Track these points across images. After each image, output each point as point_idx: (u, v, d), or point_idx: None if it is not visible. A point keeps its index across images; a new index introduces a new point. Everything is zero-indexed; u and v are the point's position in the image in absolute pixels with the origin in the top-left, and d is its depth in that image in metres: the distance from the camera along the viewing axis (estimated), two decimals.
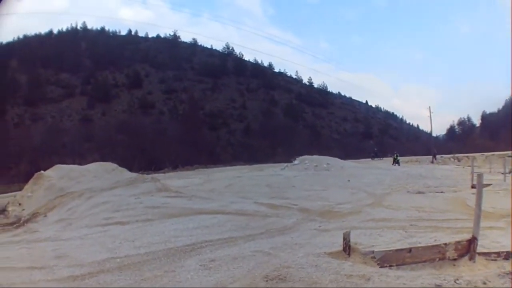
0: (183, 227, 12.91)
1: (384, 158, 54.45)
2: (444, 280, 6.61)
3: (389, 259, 7.58)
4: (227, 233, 11.74)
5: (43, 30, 76.55)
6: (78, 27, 79.69)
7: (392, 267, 7.43)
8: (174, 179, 31.08)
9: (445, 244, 7.71)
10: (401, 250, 7.80)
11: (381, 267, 7.44)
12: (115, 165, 25.96)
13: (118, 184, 21.87)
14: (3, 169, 43.83)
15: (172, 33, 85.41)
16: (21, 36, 72.12)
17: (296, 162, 37.79)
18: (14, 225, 16.38)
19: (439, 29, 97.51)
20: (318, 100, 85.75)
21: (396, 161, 46.04)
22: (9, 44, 68.94)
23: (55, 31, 77.83)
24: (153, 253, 10.07)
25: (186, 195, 20.44)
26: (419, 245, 8.21)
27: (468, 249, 7.59)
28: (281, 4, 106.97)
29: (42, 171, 22.62)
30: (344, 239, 8.23)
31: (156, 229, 12.99)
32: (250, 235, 11.45)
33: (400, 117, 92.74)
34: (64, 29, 78.87)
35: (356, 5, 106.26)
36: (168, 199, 18.90)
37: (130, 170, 26.76)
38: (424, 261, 7.54)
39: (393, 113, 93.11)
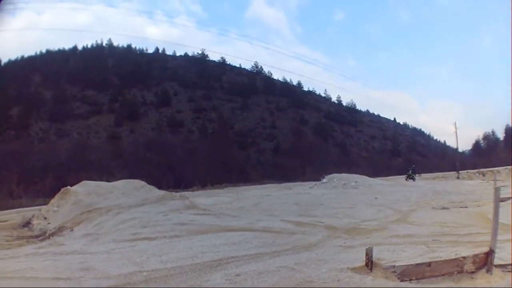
0: (210, 244, 12.99)
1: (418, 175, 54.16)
2: None
3: (409, 273, 7.75)
4: (254, 250, 11.85)
5: (67, 45, 77.69)
6: (104, 44, 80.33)
7: (412, 281, 7.61)
8: (203, 197, 31.14)
9: (463, 257, 7.89)
10: (421, 264, 7.97)
11: (401, 281, 7.63)
12: (143, 183, 25.88)
13: (146, 201, 22.01)
14: (27, 183, 44.19)
15: (200, 52, 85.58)
16: (43, 51, 73.40)
17: (324, 180, 37.72)
18: (39, 238, 16.42)
19: (462, 42, 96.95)
20: (346, 118, 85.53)
21: (410, 177, 46.17)
22: (31, 58, 70.59)
23: (79, 47, 78.74)
24: (180, 268, 10.16)
25: (214, 213, 20.65)
26: (439, 259, 8.28)
27: (485, 261, 7.75)
28: (308, 22, 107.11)
29: (68, 187, 22.64)
30: (367, 254, 8.47)
31: (184, 245, 13.06)
32: (276, 251, 11.53)
33: (428, 133, 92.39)
34: (89, 46, 79.67)
35: (379, 20, 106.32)
36: (196, 217, 19.08)
37: (159, 188, 26.61)
38: (443, 275, 7.71)
39: (420, 129, 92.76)
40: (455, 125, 61.72)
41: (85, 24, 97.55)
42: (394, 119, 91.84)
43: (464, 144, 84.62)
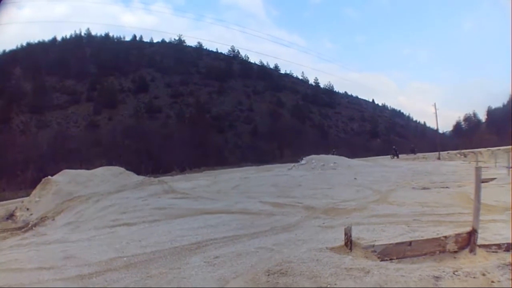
0: (189, 227, 13.09)
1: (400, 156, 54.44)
2: (443, 272, 6.69)
3: (389, 253, 7.75)
4: (232, 232, 11.90)
5: (47, 37, 77.85)
6: (82, 34, 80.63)
7: (392, 261, 7.56)
8: (182, 182, 31.14)
9: (445, 237, 7.87)
10: (402, 243, 7.96)
11: (381, 260, 7.59)
12: (122, 169, 26.27)
13: (125, 187, 22.26)
14: (10, 176, 44.54)
15: (177, 38, 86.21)
16: (24, 44, 73.31)
17: (303, 162, 37.93)
18: (23, 230, 16.43)
19: (442, 25, 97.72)
20: (324, 100, 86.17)
21: (395, 155, 46.77)
22: (12, 52, 69.89)
23: (58, 38, 78.83)
24: (159, 252, 10.25)
25: (192, 196, 20.77)
26: (420, 238, 8.33)
27: (468, 241, 7.70)
28: (284, 6, 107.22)
29: (49, 176, 22.77)
30: (346, 234, 8.38)
31: (163, 229, 13.15)
32: (255, 233, 11.60)
33: (407, 114, 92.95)
34: (68, 36, 79.84)
35: (358, 4, 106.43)
36: (175, 201, 19.21)
37: (138, 174, 27.00)
38: (425, 254, 7.69)
39: (399, 110, 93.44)
40: (434, 106, 61.97)
41: (64, 15, 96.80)
42: (373, 100, 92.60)
43: (445, 126, 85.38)
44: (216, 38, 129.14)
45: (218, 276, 8.02)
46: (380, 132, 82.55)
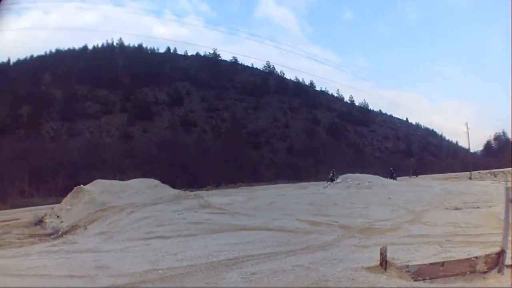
0: (226, 242, 13.08)
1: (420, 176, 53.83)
2: None
3: (423, 273, 7.81)
4: (269, 249, 11.94)
5: (76, 45, 78.13)
6: (115, 44, 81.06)
7: (425, 281, 7.67)
8: (217, 197, 31.23)
9: (476, 257, 7.94)
10: (435, 264, 8.01)
11: (415, 280, 7.69)
12: (157, 181, 26.06)
13: (161, 200, 22.18)
14: (39, 182, 44.33)
15: (211, 51, 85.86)
16: (53, 50, 74.03)
17: (338, 180, 38.10)
18: (52, 236, 16.42)
19: (473, 42, 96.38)
20: (359, 118, 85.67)
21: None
22: (40, 58, 71.23)
23: (90, 47, 79.31)
24: (195, 266, 10.23)
25: (229, 212, 20.89)
26: (452, 259, 8.33)
27: (497, 261, 7.81)
28: (317, 21, 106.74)
29: (82, 185, 22.78)
30: (381, 254, 8.54)
31: (199, 244, 13.19)
32: (291, 250, 11.60)
33: (440, 133, 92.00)
34: (100, 45, 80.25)
35: (387, 19, 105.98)
36: (211, 216, 19.25)
37: (173, 187, 26.72)
38: (456, 275, 7.77)
39: (432, 130, 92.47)
40: (466, 126, 61.26)
41: (93, 23, 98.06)
42: (407, 119, 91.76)
43: (476, 145, 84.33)
44: (250, 53, 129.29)
45: None
46: (414, 151, 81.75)
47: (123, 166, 53.49)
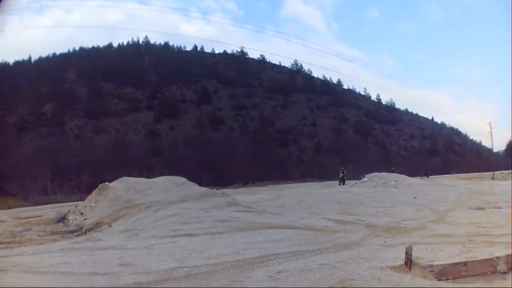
0: (253, 240, 13.33)
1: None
2: None
3: (446, 273, 7.94)
4: (296, 247, 12.10)
5: (99, 43, 77.29)
6: (140, 42, 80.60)
7: (448, 280, 7.80)
8: (245, 195, 31.19)
9: (497, 257, 8.09)
10: (458, 264, 8.14)
11: (438, 280, 7.81)
12: (184, 179, 26.27)
13: (187, 198, 22.40)
14: (63, 179, 44.27)
15: (239, 50, 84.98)
16: (77, 48, 73.65)
17: (365, 179, 38.09)
18: (75, 233, 16.66)
19: (496, 42, 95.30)
20: (386, 117, 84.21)
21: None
22: (64, 56, 70.92)
23: (115, 45, 78.92)
24: (222, 264, 10.35)
25: (256, 210, 21.02)
26: (474, 259, 8.43)
27: None
28: (344, 20, 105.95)
29: (107, 183, 22.97)
30: (406, 253, 8.67)
31: (225, 242, 13.34)
32: (318, 249, 11.80)
33: (464, 133, 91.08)
34: (125, 43, 79.98)
35: (411, 19, 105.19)
36: (238, 214, 19.47)
37: (200, 185, 26.90)
38: (478, 275, 7.90)
39: (457, 129, 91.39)
40: (490, 125, 60.71)
41: (117, 21, 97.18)
42: (432, 118, 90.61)
43: (500, 145, 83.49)
44: (277, 51, 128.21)
45: None
46: (439, 150, 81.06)
47: (149, 163, 53.39)
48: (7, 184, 41.07)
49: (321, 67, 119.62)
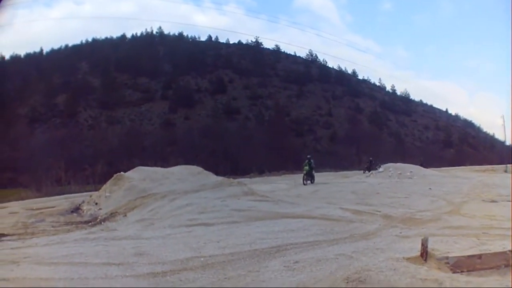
0: (269, 230, 13.34)
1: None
2: (507, 286, 6.91)
3: (461, 265, 7.95)
4: (312, 237, 12.09)
5: (112, 34, 77.36)
6: (154, 32, 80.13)
7: (463, 273, 7.80)
8: (260, 184, 31.41)
9: (510, 251, 8.10)
10: (472, 256, 8.18)
11: (453, 272, 7.81)
12: (200, 169, 26.19)
13: (204, 187, 22.31)
14: (76, 169, 44.22)
15: (254, 40, 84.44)
16: (89, 40, 73.28)
17: (380, 169, 38.18)
18: (90, 224, 16.69)
19: (507, 35, 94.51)
20: (401, 108, 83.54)
21: (368, 169, 43.03)
22: (76, 47, 70.69)
23: (128, 36, 78.77)
24: (238, 254, 10.37)
25: (272, 200, 20.97)
26: (489, 252, 8.47)
27: None
28: (357, 10, 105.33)
29: (122, 172, 23.08)
30: (422, 245, 8.66)
31: (242, 231, 13.38)
32: (334, 239, 11.80)
33: (478, 125, 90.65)
34: (139, 34, 79.61)
35: (425, 11, 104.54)
36: (255, 203, 19.40)
37: (216, 174, 26.81)
38: (491, 268, 7.89)
39: (471, 121, 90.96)
40: (503, 118, 60.53)
41: (129, 13, 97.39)
42: (446, 109, 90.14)
43: None
44: (291, 41, 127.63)
45: (297, 281, 8.22)
46: (453, 142, 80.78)
47: (164, 153, 53.32)
48: (19, 175, 41.90)
49: (335, 57, 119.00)
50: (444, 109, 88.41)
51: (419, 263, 8.40)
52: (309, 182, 32.37)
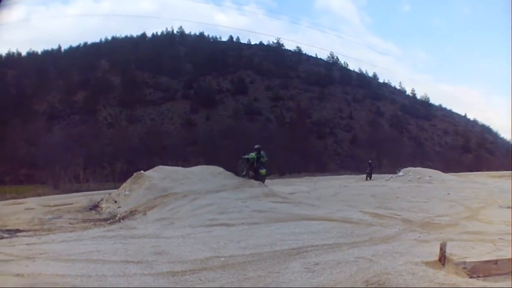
0: (290, 232, 13.13)
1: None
2: None
3: (478, 270, 8.10)
4: (332, 239, 12.02)
5: (134, 33, 77.56)
6: (175, 32, 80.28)
7: (479, 278, 7.95)
8: (281, 186, 31.28)
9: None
10: (489, 261, 8.33)
11: (470, 277, 7.96)
12: (221, 169, 26.11)
13: (224, 188, 22.15)
14: (96, 167, 44.19)
15: (275, 41, 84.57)
16: (109, 38, 73.65)
17: (400, 173, 38.22)
18: (108, 221, 16.57)
19: None
20: (421, 112, 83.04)
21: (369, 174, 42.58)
22: (95, 45, 71.13)
23: (148, 34, 78.88)
24: (259, 255, 10.32)
25: (293, 201, 20.79)
26: (505, 257, 8.60)
27: None
28: (377, 12, 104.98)
29: (142, 171, 23.02)
30: (441, 249, 8.82)
31: (262, 232, 13.19)
32: (355, 242, 11.73)
33: (495, 130, 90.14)
34: (159, 33, 79.69)
35: (443, 13, 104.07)
36: (275, 204, 19.16)
37: (237, 175, 26.33)
38: (507, 273, 8.04)
39: (489, 126, 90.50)
40: None
41: (149, 11, 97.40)
42: (465, 114, 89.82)
43: None
44: (312, 42, 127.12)
45: (317, 283, 8.29)
46: (471, 147, 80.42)
47: (185, 153, 53.32)
48: (36, 172, 42.38)
49: (356, 59, 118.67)
50: (463, 114, 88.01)
51: (437, 268, 8.53)
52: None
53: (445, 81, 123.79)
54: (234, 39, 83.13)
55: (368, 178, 41.45)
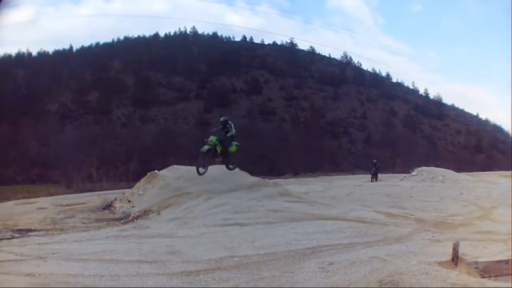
0: (304, 231, 13.19)
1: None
2: None
3: (489, 270, 8.19)
4: (347, 239, 12.04)
5: (146, 33, 76.02)
6: (188, 32, 79.52)
7: (491, 278, 8.02)
8: (296, 185, 30.70)
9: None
10: (500, 261, 8.41)
11: (482, 277, 8.04)
12: (236, 169, 25.40)
13: (239, 187, 22.07)
14: (109, 167, 43.20)
15: (288, 41, 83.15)
16: (121, 38, 71.97)
17: (414, 173, 38.10)
18: (122, 221, 16.46)
19: None
20: (434, 111, 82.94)
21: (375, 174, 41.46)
22: (108, 45, 69.15)
23: (161, 35, 76.63)
24: (273, 254, 10.38)
25: (307, 201, 20.63)
26: None
27: None
28: (389, 12, 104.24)
29: (156, 171, 22.87)
30: (454, 249, 8.90)
31: (277, 232, 13.24)
32: (369, 242, 11.76)
33: (507, 130, 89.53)
34: (172, 33, 76.68)
35: (454, 14, 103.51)
36: (290, 204, 18.97)
37: (251, 174, 26.39)
38: None
39: (500, 126, 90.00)
40: None
41: (161, 11, 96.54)
42: (477, 114, 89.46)
43: None
44: (325, 42, 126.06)
45: (331, 283, 8.39)
46: (484, 147, 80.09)
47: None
48: (48, 171, 42.00)
49: (369, 59, 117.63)
50: (475, 114, 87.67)
51: (450, 267, 8.64)
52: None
53: (456, 80, 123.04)
54: (248, 39, 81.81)
55: (374, 179, 40.73)
